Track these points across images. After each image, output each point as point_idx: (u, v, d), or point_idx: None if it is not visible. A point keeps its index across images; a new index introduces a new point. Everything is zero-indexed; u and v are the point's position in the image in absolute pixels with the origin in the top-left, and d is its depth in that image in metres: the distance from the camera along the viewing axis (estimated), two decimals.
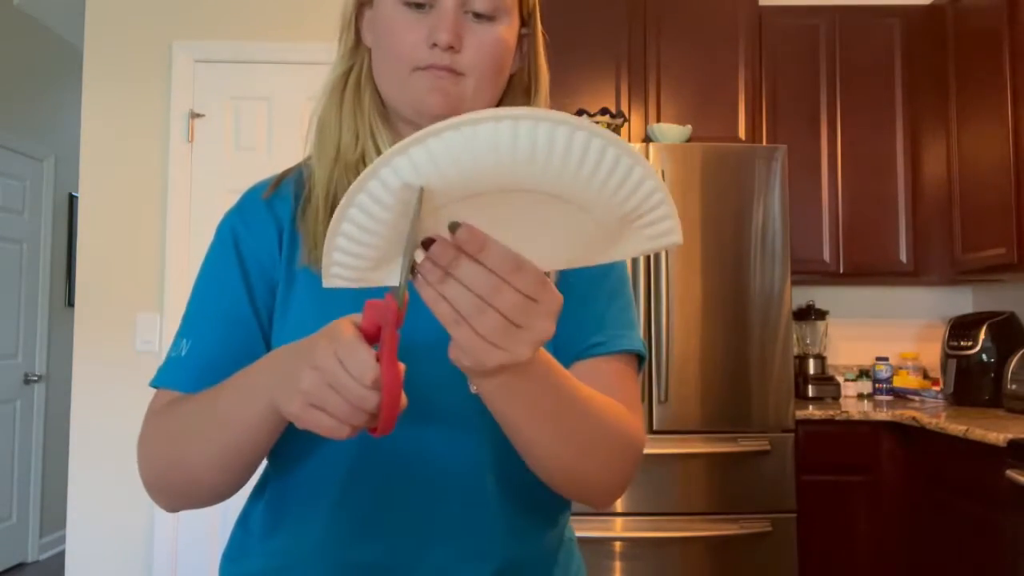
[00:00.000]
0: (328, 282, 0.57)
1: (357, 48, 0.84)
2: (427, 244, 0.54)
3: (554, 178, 0.51)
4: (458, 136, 0.49)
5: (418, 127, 0.82)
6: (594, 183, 0.51)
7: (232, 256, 0.82)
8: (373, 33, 0.81)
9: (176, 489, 0.76)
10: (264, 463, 0.88)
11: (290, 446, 0.83)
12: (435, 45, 0.75)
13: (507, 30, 0.79)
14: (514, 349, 0.55)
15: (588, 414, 0.71)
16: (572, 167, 0.50)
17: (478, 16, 0.77)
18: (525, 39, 0.85)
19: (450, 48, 0.75)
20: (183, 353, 0.79)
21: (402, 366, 0.57)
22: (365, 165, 0.81)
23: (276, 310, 0.81)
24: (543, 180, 0.51)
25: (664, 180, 2.57)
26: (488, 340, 0.54)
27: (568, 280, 0.79)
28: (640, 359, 0.86)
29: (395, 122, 0.83)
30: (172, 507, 0.78)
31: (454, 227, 0.53)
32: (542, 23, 0.86)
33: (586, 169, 0.51)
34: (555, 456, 0.71)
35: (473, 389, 0.64)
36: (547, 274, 0.56)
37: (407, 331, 0.59)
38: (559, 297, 0.55)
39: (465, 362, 0.56)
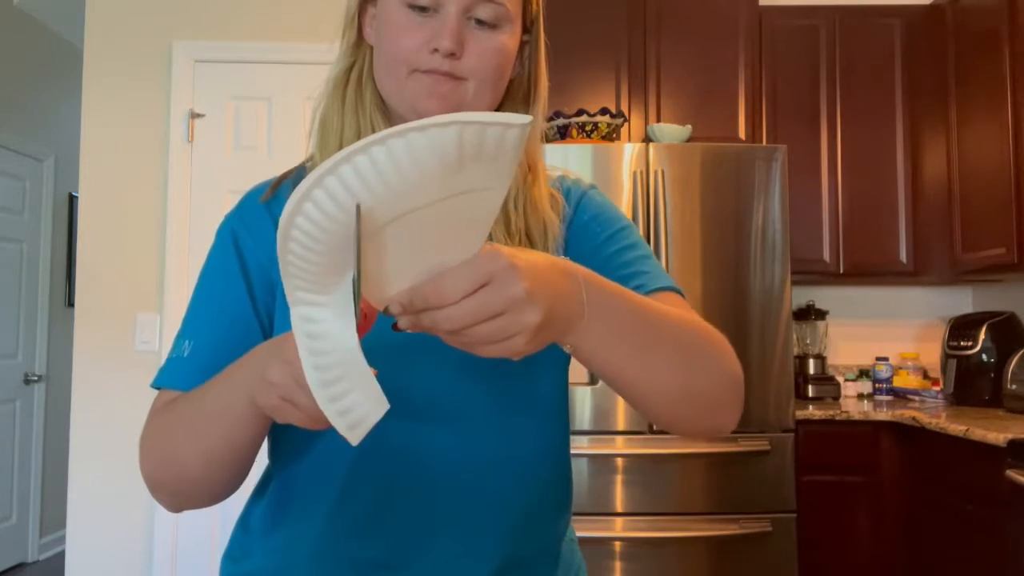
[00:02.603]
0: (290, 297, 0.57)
1: (359, 45, 0.84)
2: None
3: (480, 174, 0.52)
4: (401, 142, 0.49)
5: None
6: (506, 167, 0.53)
7: (232, 257, 0.82)
8: (375, 31, 0.81)
9: (173, 487, 0.77)
10: (266, 463, 0.88)
11: (291, 445, 0.83)
12: (436, 50, 0.75)
13: (509, 38, 0.79)
14: (515, 327, 0.54)
15: (672, 323, 0.69)
16: (507, 159, 0.52)
17: (481, 23, 0.77)
18: (527, 45, 0.85)
19: (451, 55, 0.75)
20: (185, 354, 0.79)
21: (373, 371, 0.57)
22: None
23: (276, 311, 0.82)
24: (472, 179, 0.52)
25: (663, 180, 2.57)
26: (493, 343, 0.55)
27: (579, 258, 0.79)
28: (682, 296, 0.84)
29: (396, 119, 0.83)
30: (174, 505, 0.79)
31: (386, 311, 0.55)
32: (542, 23, 0.86)
33: (506, 158, 0.52)
34: (663, 380, 0.69)
35: (567, 349, 0.63)
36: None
37: (404, 334, 0.60)
38: (505, 257, 0.54)
39: (516, 359, 0.57)
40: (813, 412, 2.66)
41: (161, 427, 0.77)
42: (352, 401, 0.56)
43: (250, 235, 0.83)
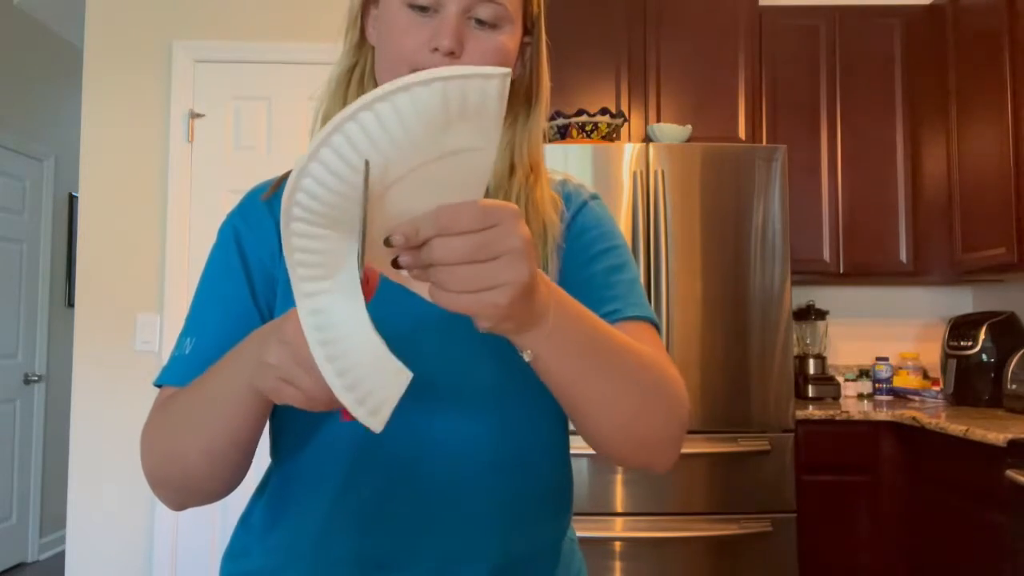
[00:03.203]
0: (289, 263, 0.56)
1: (361, 45, 0.84)
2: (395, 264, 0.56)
3: (467, 132, 0.53)
4: (407, 96, 0.51)
5: None
6: (491, 123, 0.54)
7: (235, 255, 0.83)
8: (377, 32, 0.82)
9: (174, 482, 0.77)
10: (268, 462, 0.88)
11: (290, 443, 0.83)
12: (436, 50, 0.76)
13: (509, 38, 0.80)
14: (504, 277, 0.54)
15: (634, 356, 0.71)
16: (492, 114, 0.53)
17: (481, 23, 0.77)
18: (528, 47, 0.85)
19: (451, 54, 0.76)
20: (187, 351, 0.80)
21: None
22: None
23: (277, 307, 0.82)
24: (460, 138, 0.53)
25: (663, 180, 2.57)
26: (475, 290, 0.54)
27: (567, 268, 0.81)
28: (656, 329, 0.85)
29: None
30: (176, 502, 0.79)
31: (388, 241, 0.55)
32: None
33: (490, 113, 0.53)
34: (613, 410, 0.70)
35: (527, 357, 0.64)
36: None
37: (406, 327, 0.60)
38: (500, 207, 0.54)
39: (484, 324, 0.57)
40: (813, 412, 2.66)
41: (161, 422, 0.77)
42: (370, 386, 0.56)
43: (251, 232, 0.83)
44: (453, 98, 0.51)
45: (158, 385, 0.81)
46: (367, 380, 0.56)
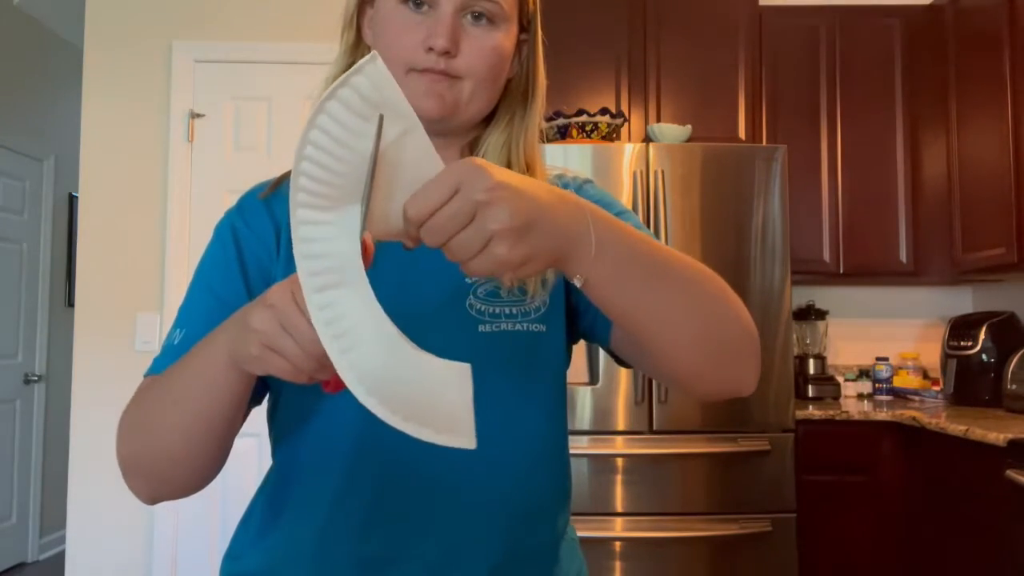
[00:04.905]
0: (293, 212, 0.57)
1: (358, 46, 0.84)
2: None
3: (390, 123, 0.58)
4: (325, 116, 0.56)
5: None
6: (397, 106, 0.58)
7: (231, 251, 0.82)
8: (373, 32, 0.82)
9: (145, 466, 0.74)
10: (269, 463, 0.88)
11: (290, 444, 0.83)
12: (431, 49, 0.76)
13: (505, 36, 0.80)
14: (489, 228, 0.54)
15: (690, 264, 0.68)
16: (392, 97, 0.58)
17: (476, 22, 0.77)
18: (524, 45, 0.85)
19: (446, 53, 0.76)
20: (176, 341, 0.79)
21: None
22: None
23: None
24: (389, 129, 0.58)
25: (663, 180, 2.57)
26: (476, 255, 0.55)
27: None
28: None
29: None
30: (148, 492, 0.76)
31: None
32: (542, 23, 0.87)
33: (389, 96, 0.58)
34: (684, 320, 0.67)
35: (578, 283, 0.62)
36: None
37: (405, 326, 0.60)
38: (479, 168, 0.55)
39: (506, 281, 0.58)
40: (813, 412, 2.66)
41: (137, 405, 0.76)
42: (343, 308, 0.56)
43: (249, 230, 0.83)
44: (353, 101, 0.55)
45: (147, 376, 0.80)
46: (340, 303, 0.57)
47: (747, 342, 0.72)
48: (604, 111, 2.68)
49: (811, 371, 3.08)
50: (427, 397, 0.57)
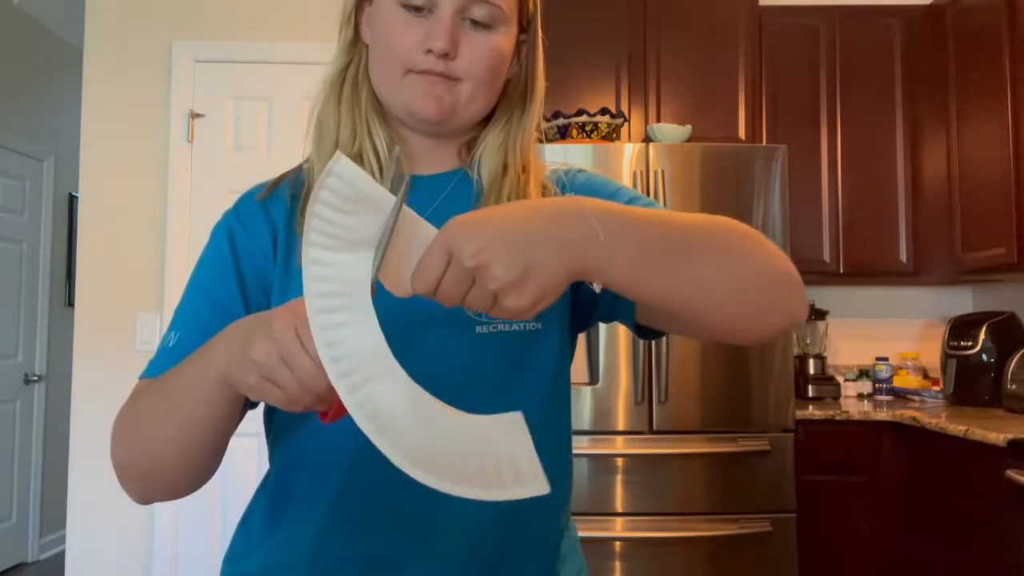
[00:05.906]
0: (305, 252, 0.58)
1: (355, 44, 0.84)
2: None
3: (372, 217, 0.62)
4: (325, 191, 0.60)
5: (411, 127, 0.83)
6: (376, 198, 0.62)
7: (227, 253, 0.82)
8: (371, 30, 0.82)
9: (138, 470, 0.75)
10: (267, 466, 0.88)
11: (289, 446, 0.83)
12: (430, 51, 0.75)
13: (504, 39, 0.79)
14: (490, 287, 0.56)
15: (704, 227, 0.66)
16: (368, 191, 0.62)
17: (476, 24, 0.77)
18: (524, 45, 0.85)
19: (444, 55, 0.75)
20: (170, 344, 0.79)
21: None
22: (362, 162, 0.81)
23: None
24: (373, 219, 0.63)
25: (663, 180, 2.57)
26: (491, 308, 0.58)
27: None
28: None
29: (391, 119, 0.84)
30: (141, 494, 0.77)
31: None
32: (542, 24, 0.86)
33: (365, 191, 0.62)
34: (721, 283, 0.65)
35: (596, 288, 0.62)
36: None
37: (406, 326, 0.60)
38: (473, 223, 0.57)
39: (527, 319, 0.63)
40: (813, 412, 2.66)
41: (131, 409, 0.76)
42: (347, 334, 0.57)
43: (246, 233, 0.83)
44: (336, 190, 0.58)
45: (141, 378, 0.80)
46: (344, 327, 0.58)
47: (785, 279, 0.70)
48: (604, 111, 2.68)
49: (811, 371, 3.07)
50: (475, 457, 0.59)
